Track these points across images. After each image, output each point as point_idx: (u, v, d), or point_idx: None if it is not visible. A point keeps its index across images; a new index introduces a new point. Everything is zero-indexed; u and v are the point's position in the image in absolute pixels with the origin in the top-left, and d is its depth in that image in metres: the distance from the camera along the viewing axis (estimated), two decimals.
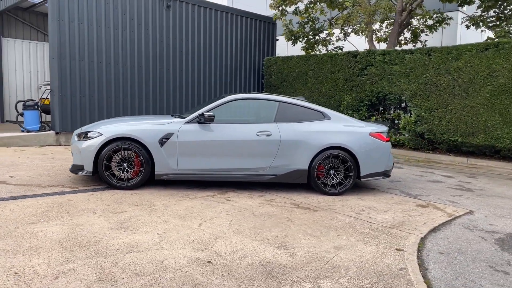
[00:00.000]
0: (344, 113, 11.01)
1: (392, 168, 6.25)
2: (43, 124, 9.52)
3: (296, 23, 13.65)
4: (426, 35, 14.63)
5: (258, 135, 5.64)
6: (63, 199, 4.82)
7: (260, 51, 13.64)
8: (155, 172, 5.50)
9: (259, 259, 3.39)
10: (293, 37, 13.47)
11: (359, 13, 10.90)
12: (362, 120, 10.77)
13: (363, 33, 12.94)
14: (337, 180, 5.81)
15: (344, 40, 14.05)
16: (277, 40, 14.57)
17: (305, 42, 13.89)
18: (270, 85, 13.13)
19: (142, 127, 5.52)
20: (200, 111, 5.71)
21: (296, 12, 12.89)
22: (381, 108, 10.86)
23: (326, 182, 5.79)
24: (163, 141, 5.47)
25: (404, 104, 10.41)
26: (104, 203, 4.73)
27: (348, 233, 4.17)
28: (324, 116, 5.97)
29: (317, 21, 13.72)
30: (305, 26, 13.57)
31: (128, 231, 3.85)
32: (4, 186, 5.31)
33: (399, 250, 3.79)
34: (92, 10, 9.51)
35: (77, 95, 9.44)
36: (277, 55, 13.90)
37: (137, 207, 4.67)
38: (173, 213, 4.51)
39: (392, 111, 10.77)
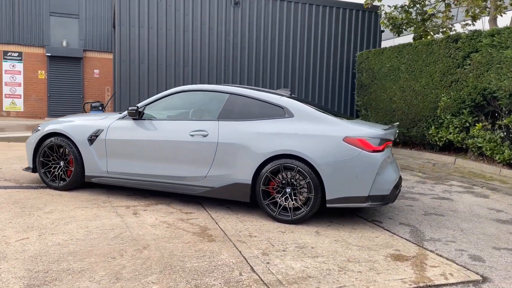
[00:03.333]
0: (442, 118, 8.36)
1: (393, 193, 4.12)
2: None
3: (398, 7, 11.12)
4: None
5: (192, 135, 4.46)
6: None
7: (357, 46, 11.70)
8: (85, 174, 4.90)
9: None
10: (393, 25, 11.00)
11: None
12: (466, 127, 8.00)
13: (478, 11, 9.60)
14: (294, 204, 4.11)
15: (473, 24, 10.76)
16: (383, 31, 12.29)
17: (413, 31, 11.21)
18: (361, 85, 11.07)
19: (77, 122, 5.01)
20: (137, 105, 4.88)
21: None
22: (506, 110, 7.63)
23: (280, 204, 4.15)
24: (92, 138, 4.84)
25: None
26: None
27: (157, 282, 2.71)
28: (285, 113, 4.34)
29: (428, 2, 10.87)
30: (410, 10, 10.91)
31: None
32: None
33: None
34: (153, 13, 9.65)
35: (136, 97, 9.70)
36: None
37: (21, 209, 4.15)
38: (32, 222, 3.81)
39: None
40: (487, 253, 3.55)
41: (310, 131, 4.13)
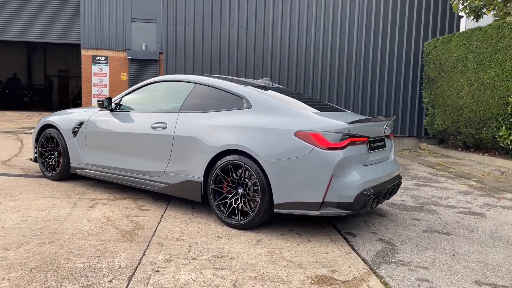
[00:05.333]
0: None
1: (359, 200, 3.33)
2: None
3: None
4: None
5: (153, 127, 4.21)
6: None
7: (428, 34, 10.28)
8: (71, 165, 4.98)
9: None
10: (469, 9, 9.29)
11: None
12: None
13: None
14: (242, 206, 3.60)
15: None
16: (462, 17, 10.61)
17: (494, 15, 9.37)
18: (428, 79, 9.66)
19: (68, 115, 5.13)
20: (110, 97, 4.81)
21: None
22: None
23: (231, 205, 3.67)
24: (75, 130, 4.90)
25: None
26: None
27: None
28: (244, 104, 3.84)
29: None
30: None
31: None
32: None
33: None
34: (199, 10, 9.68)
35: None
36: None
37: None
38: None
39: None
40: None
41: (263, 124, 3.57)
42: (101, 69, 16.64)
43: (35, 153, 5.40)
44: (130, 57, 16.54)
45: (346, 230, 3.74)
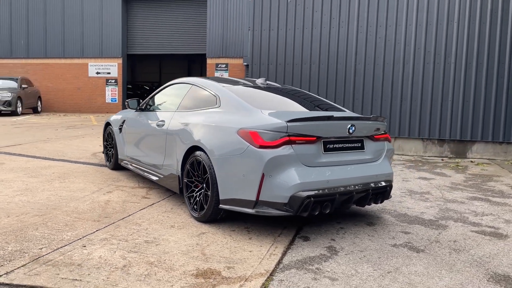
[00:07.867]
0: None
1: (295, 201, 3.19)
2: None
3: None
4: None
5: (158, 125, 4.70)
6: (55, 164, 6.33)
7: None
8: (118, 156, 5.85)
9: None
10: None
11: None
12: None
13: None
14: (202, 200, 3.79)
15: None
16: None
17: None
18: None
19: (120, 115, 6.01)
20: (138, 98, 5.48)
21: None
22: None
23: (196, 198, 3.91)
24: (120, 127, 5.74)
25: None
26: (50, 172, 5.85)
27: None
28: (216, 102, 4.01)
29: None
30: None
31: None
32: (79, 152, 7.41)
33: None
34: (283, 14, 9.90)
35: None
36: None
37: (52, 178, 5.41)
38: (34, 186, 4.93)
39: None
40: None
41: (218, 122, 3.71)
42: (222, 75, 18.25)
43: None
44: (245, 63, 17.71)
45: (305, 234, 3.56)
